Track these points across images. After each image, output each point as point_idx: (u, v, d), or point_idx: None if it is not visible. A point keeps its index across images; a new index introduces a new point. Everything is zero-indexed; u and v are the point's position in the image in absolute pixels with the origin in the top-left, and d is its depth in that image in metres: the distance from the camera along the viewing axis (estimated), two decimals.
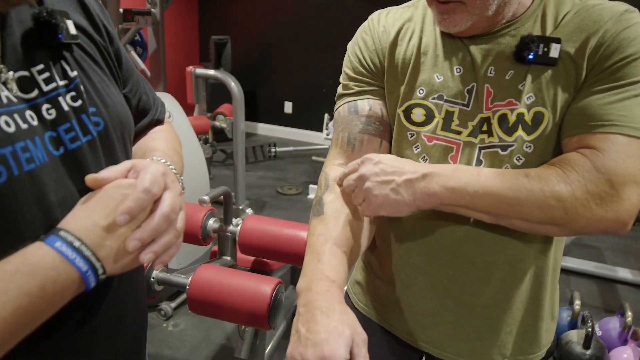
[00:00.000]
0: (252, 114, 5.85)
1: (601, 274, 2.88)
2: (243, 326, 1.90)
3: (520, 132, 0.74)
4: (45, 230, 0.53)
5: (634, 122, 0.67)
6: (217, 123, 3.41)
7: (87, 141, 0.60)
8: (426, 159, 0.81)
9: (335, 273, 0.70)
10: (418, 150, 0.82)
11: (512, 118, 0.75)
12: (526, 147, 0.75)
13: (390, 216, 0.76)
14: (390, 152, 0.87)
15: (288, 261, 1.55)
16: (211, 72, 3.25)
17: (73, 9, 0.64)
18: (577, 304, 2.20)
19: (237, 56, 5.44)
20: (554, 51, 0.72)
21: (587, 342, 2.00)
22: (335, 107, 0.91)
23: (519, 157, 0.75)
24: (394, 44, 0.84)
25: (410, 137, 0.82)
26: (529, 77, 0.74)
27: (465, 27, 0.74)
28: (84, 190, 0.56)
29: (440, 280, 0.85)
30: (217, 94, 4.60)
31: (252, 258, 1.72)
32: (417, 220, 0.83)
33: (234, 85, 3.16)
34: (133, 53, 3.72)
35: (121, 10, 3.11)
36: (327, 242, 0.74)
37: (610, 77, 0.69)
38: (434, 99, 0.80)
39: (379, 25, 0.86)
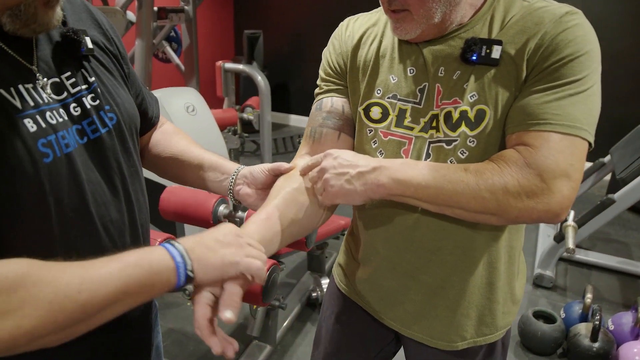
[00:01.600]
0: (284, 106, 5.99)
1: (624, 269, 2.83)
2: (255, 306, 2.03)
3: (463, 128, 0.80)
4: (79, 200, 0.67)
5: (567, 120, 0.72)
6: (244, 115, 3.55)
7: (105, 132, 0.74)
8: (382, 153, 0.88)
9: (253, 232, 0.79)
10: (375, 145, 0.89)
11: (455, 115, 0.81)
12: (470, 142, 0.80)
13: (346, 204, 0.85)
14: (350, 145, 0.95)
15: (292, 246, 1.66)
16: (239, 66, 3.38)
17: (90, 26, 0.79)
18: (589, 297, 2.20)
19: (269, 49, 5.59)
20: (496, 52, 0.77)
21: (595, 335, 2.01)
22: None
23: (462, 150, 0.81)
24: (357, 47, 0.92)
25: (369, 132, 0.90)
26: (473, 77, 0.80)
27: (415, 35, 0.81)
28: (103, 170, 0.73)
29: (399, 263, 0.93)
30: (249, 87, 4.76)
31: None
32: (378, 209, 0.92)
33: (260, 78, 3.29)
34: (168, 48, 3.92)
35: (155, 8, 3.30)
36: (260, 211, 0.83)
37: (548, 78, 0.74)
38: (389, 98, 0.87)
39: (346, 31, 0.95)
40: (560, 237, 2.58)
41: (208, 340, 0.64)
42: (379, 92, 0.89)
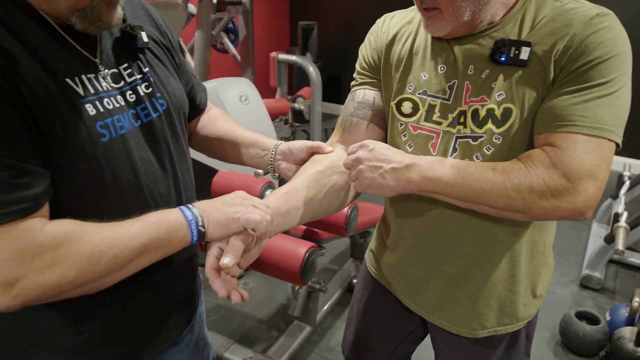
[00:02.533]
0: (337, 97, 6.05)
1: None
2: (297, 287, 2.14)
3: (490, 125, 0.83)
4: (132, 175, 0.78)
5: (594, 122, 0.74)
6: (296, 105, 3.65)
7: (156, 116, 0.84)
8: (411, 146, 0.93)
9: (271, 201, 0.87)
10: (405, 138, 0.94)
11: (482, 112, 0.84)
12: (495, 139, 0.83)
13: (377, 195, 0.90)
14: (377, 135, 1.00)
15: (333, 232, 1.74)
16: (292, 57, 3.48)
17: (145, 22, 0.89)
18: (636, 301, 2.14)
19: (323, 40, 5.66)
20: (524, 54, 0.80)
21: (639, 339, 1.96)
22: None
23: (488, 147, 0.84)
24: (391, 44, 0.97)
25: (400, 126, 0.95)
26: (501, 77, 0.82)
27: (446, 32, 0.85)
28: (153, 150, 0.82)
29: (424, 252, 0.97)
30: (302, 77, 4.85)
31: (304, 227, 1.93)
32: (407, 200, 0.97)
33: (312, 69, 3.37)
34: (226, 39, 4.08)
35: (215, 1, 3.44)
36: (282, 188, 0.91)
37: (577, 79, 0.76)
38: (419, 93, 0.92)
39: (382, 27, 1.00)
40: (610, 238, 2.50)
41: (213, 283, 0.74)
42: (410, 87, 0.93)
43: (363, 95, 1.01)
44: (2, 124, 0.62)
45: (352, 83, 1.05)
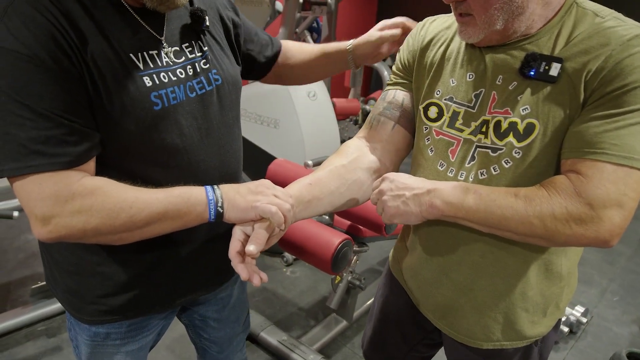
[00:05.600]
0: None
1: None
2: (337, 279, 2.19)
3: (510, 139, 0.82)
4: (179, 140, 0.87)
5: (623, 151, 0.71)
6: (367, 107, 3.70)
7: (210, 90, 0.93)
8: (432, 150, 0.94)
9: (294, 190, 0.92)
10: (428, 142, 0.94)
11: (504, 125, 0.82)
12: (515, 153, 0.81)
13: (404, 223, 0.91)
14: (403, 136, 1.02)
15: (373, 230, 1.78)
16: None
17: (210, 6, 0.99)
18: None
19: None
20: (554, 70, 0.77)
21: None
22: None
23: (507, 160, 0.82)
24: (426, 48, 0.98)
25: (425, 130, 0.96)
26: (528, 91, 0.80)
27: (478, 39, 0.84)
28: (203, 120, 0.91)
29: (435, 256, 0.98)
30: (379, 80, 4.88)
31: (348, 222, 1.98)
32: None
33: (386, 73, 3.41)
34: (309, 37, 4.21)
35: (301, 0, 3.58)
36: (307, 177, 0.96)
37: (609, 104, 0.73)
38: (446, 99, 0.92)
39: (421, 31, 1.02)
40: None
41: (236, 267, 0.80)
42: (438, 93, 0.94)
43: (393, 95, 1.03)
44: (65, 91, 0.72)
45: (387, 82, 1.09)
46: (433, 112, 0.94)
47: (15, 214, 1.95)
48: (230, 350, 1.30)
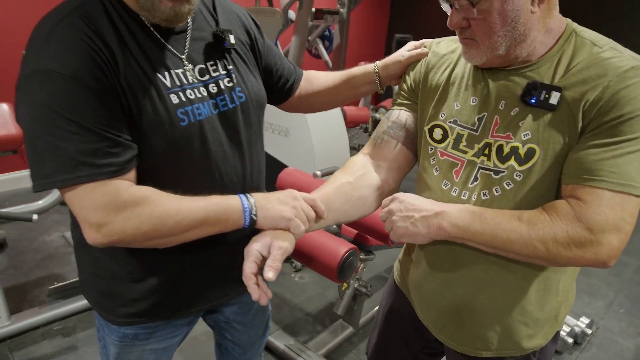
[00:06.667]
0: None
1: None
2: (344, 286, 2.23)
3: (512, 162, 0.86)
4: (205, 154, 0.93)
5: (621, 178, 0.75)
6: (376, 115, 3.75)
7: (233, 107, 0.98)
8: (437, 170, 0.98)
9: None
10: (433, 162, 0.98)
11: (506, 149, 0.87)
12: (516, 176, 0.86)
13: (412, 242, 0.95)
14: (405, 155, 1.07)
15: (379, 239, 1.82)
16: None
17: (236, 26, 1.04)
18: None
19: None
20: (554, 98, 0.82)
21: None
22: None
23: (508, 182, 0.87)
24: (431, 72, 1.02)
25: (430, 150, 1.00)
26: (530, 117, 0.85)
27: (481, 62, 0.88)
28: (227, 135, 0.97)
29: (439, 271, 1.02)
30: (389, 88, 4.93)
31: (355, 231, 2.03)
32: None
33: None
34: (321, 46, 4.28)
35: (314, 9, 3.64)
36: (315, 192, 1.00)
37: (607, 133, 0.77)
38: (450, 122, 0.96)
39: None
40: None
41: (250, 288, 0.85)
42: (442, 115, 0.98)
43: (397, 115, 1.08)
44: (106, 107, 0.79)
45: (392, 100, 1.13)
46: (438, 133, 0.98)
47: (35, 217, 2.02)
48: (252, 353, 1.36)
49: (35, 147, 0.78)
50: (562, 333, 2.02)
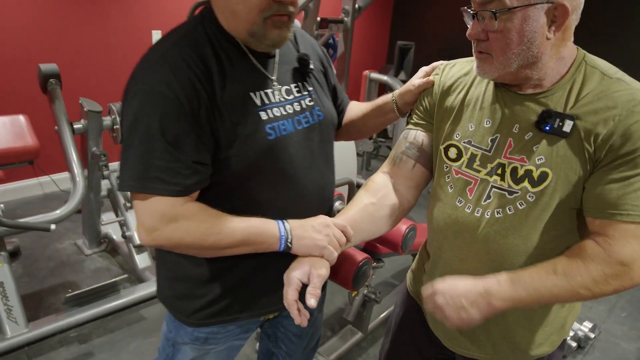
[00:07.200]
0: None
1: None
2: (354, 293, 2.29)
3: (526, 184, 0.91)
4: (289, 165, 1.02)
5: None
6: None
7: (314, 124, 1.09)
8: (452, 187, 1.03)
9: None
10: (448, 179, 1.03)
11: (520, 172, 0.92)
12: (529, 197, 0.91)
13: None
14: (421, 174, 1.13)
15: (390, 248, 1.88)
16: (384, 77, 3.65)
17: (312, 53, 1.17)
18: None
19: (420, 61, 5.71)
20: (567, 126, 0.87)
21: None
22: None
23: (521, 202, 0.92)
24: (446, 93, 1.08)
25: (445, 168, 1.05)
26: (544, 142, 0.90)
27: (493, 77, 0.93)
28: (307, 149, 1.06)
29: None
30: None
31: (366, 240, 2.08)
32: (444, 237, 1.06)
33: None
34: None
35: (318, 18, 3.70)
36: (340, 216, 1.07)
37: (624, 167, 0.83)
38: (465, 142, 1.01)
39: (442, 76, 1.11)
40: None
41: (293, 314, 0.93)
42: (457, 135, 1.03)
43: (414, 136, 1.13)
44: (193, 130, 0.90)
45: (409, 119, 1.19)
46: (453, 152, 1.04)
47: (53, 226, 2.06)
48: None
49: (127, 152, 0.91)
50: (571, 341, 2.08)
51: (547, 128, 0.89)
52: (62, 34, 3.59)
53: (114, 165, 3.65)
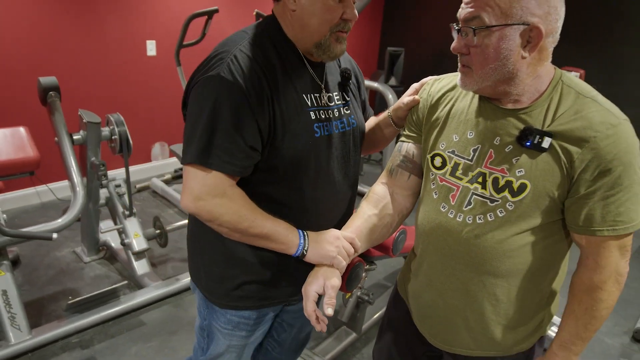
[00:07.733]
0: None
1: None
2: (347, 295, 2.36)
3: (506, 193, 0.99)
4: (326, 163, 1.18)
5: (624, 224, 0.93)
6: None
7: (349, 129, 1.24)
8: (437, 193, 1.11)
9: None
10: (434, 186, 1.11)
11: (502, 182, 0.99)
12: (508, 205, 0.99)
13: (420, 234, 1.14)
14: (416, 183, 1.22)
15: (382, 251, 1.95)
16: (374, 84, 3.73)
17: (350, 67, 1.31)
18: None
19: (410, 66, 5.83)
20: (546, 143, 0.94)
21: None
22: None
23: (501, 210, 0.99)
24: (434, 107, 1.16)
25: (431, 176, 1.12)
26: (524, 156, 0.97)
27: (473, 89, 1.01)
28: (343, 150, 1.22)
29: (435, 283, 1.15)
30: (383, 101, 5.07)
31: None
32: (430, 237, 1.14)
33: (390, 96, 3.60)
34: None
35: None
36: (347, 228, 1.19)
37: (604, 187, 0.91)
38: (449, 152, 1.08)
39: (430, 90, 1.19)
40: None
41: (313, 323, 1.10)
42: (442, 145, 1.11)
43: (406, 149, 1.23)
44: (253, 120, 1.02)
45: (401, 132, 1.27)
46: (438, 161, 1.12)
47: (55, 235, 2.12)
48: (288, 355, 1.60)
49: (194, 130, 1.03)
50: (551, 333, 2.14)
51: (528, 144, 0.96)
52: (60, 46, 3.65)
53: (112, 173, 3.74)
